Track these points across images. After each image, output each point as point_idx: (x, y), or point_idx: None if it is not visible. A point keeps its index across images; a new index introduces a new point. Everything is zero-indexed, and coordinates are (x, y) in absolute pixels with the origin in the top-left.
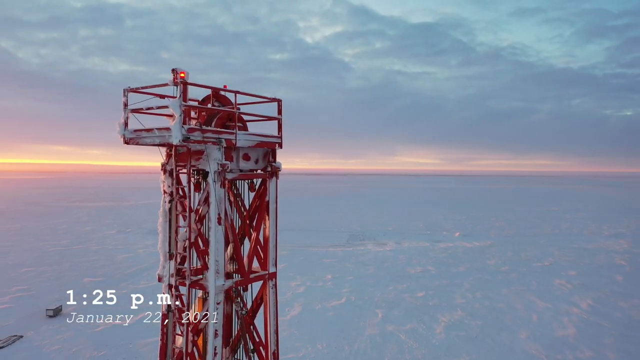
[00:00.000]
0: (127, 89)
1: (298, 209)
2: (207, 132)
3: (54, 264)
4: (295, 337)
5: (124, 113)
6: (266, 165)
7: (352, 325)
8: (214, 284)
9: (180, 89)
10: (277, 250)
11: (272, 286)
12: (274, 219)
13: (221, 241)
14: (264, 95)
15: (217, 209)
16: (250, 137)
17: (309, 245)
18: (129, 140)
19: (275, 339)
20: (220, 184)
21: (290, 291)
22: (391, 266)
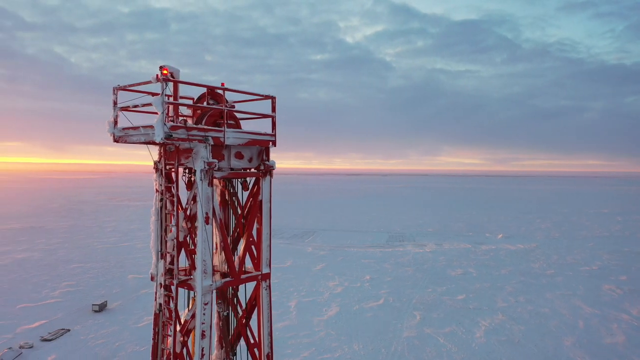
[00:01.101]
0: (116, 87)
1: (337, 209)
2: (192, 129)
3: (101, 260)
4: (331, 337)
5: (114, 111)
6: (259, 164)
7: (389, 327)
8: (201, 284)
9: (163, 86)
10: (270, 251)
11: (265, 287)
12: (268, 219)
13: (209, 241)
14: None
15: (205, 207)
16: (240, 134)
17: (348, 245)
18: (118, 139)
19: (269, 340)
20: (208, 183)
21: (328, 291)
22: (431, 268)
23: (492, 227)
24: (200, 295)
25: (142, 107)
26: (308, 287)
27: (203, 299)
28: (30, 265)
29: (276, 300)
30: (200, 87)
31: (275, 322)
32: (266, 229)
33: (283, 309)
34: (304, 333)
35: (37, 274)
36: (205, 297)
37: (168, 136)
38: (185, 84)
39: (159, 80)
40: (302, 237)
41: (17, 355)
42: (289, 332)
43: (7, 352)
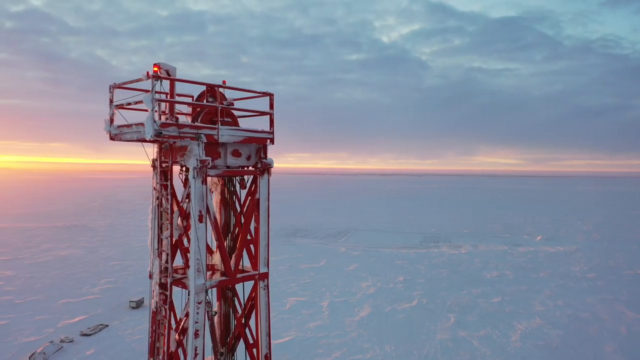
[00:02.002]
0: (112, 85)
1: (371, 209)
2: (184, 127)
3: (139, 258)
4: (363, 338)
5: (110, 109)
6: (256, 162)
7: (422, 329)
8: (194, 283)
9: (153, 83)
10: (268, 250)
11: (263, 287)
12: (265, 217)
13: (202, 239)
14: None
15: (198, 205)
16: (236, 132)
17: (381, 246)
18: (114, 137)
19: (268, 341)
20: (202, 181)
21: (360, 292)
22: (466, 270)
23: (530, 228)
24: (193, 294)
25: (134, 104)
26: (341, 287)
27: (196, 298)
28: (72, 262)
29: (308, 299)
30: (197, 84)
31: (308, 321)
32: (264, 227)
33: (315, 308)
34: (335, 333)
35: (79, 271)
36: (198, 296)
37: (158, 133)
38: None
39: (149, 77)
40: (335, 237)
41: (58, 349)
42: (321, 332)
43: (49, 345)
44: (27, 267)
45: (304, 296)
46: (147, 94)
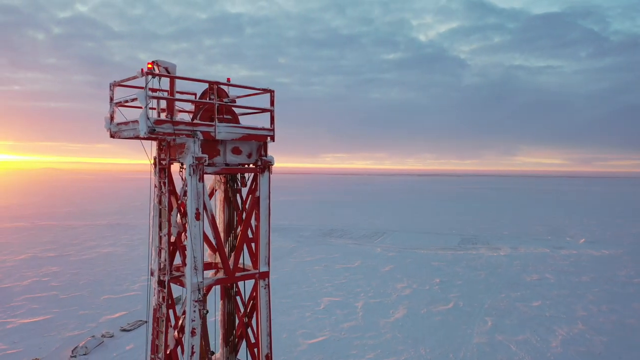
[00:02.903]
0: (112, 83)
1: (408, 210)
2: (179, 124)
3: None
4: (398, 340)
5: (110, 107)
6: (257, 159)
7: (458, 332)
8: (190, 281)
9: (147, 80)
10: (269, 249)
11: (263, 286)
12: (266, 216)
13: (199, 237)
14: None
15: (195, 203)
16: (234, 129)
17: (418, 247)
18: (114, 134)
19: (269, 341)
20: (199, 178)
21: (395, 293)
22: (505, 272)
23: (573, 231)
24: (189, 292)
25: (132, 102)
26: (375, 288)
27: (193, 296)
28: (115, 260)
29: (343, 300)
30: (195, 81)
31: (342, 322)
32: (264, 226)
33: (350, 309)
34: (369, 334)
35: (120, 268)
36: (195, 294)
37: (151, 130)
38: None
39: (144, 74)
40: (371, 238)
41: (99, 344)
42: (355, 332)
43: (91, 340)
44: (72, 263)
45: (338, 296)
46: (140, 90)
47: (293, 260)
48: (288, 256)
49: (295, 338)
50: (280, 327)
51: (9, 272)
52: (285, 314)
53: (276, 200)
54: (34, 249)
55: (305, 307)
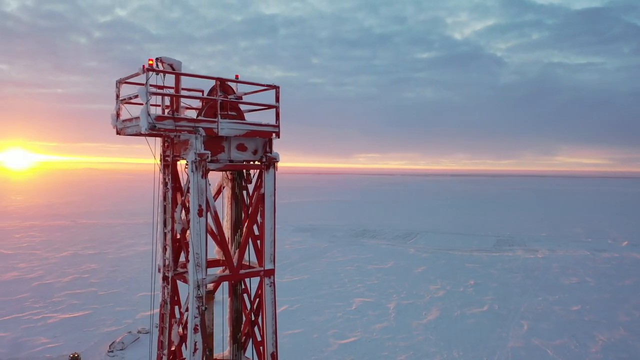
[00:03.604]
0: (118, 80)
1: (442, 211)
2: (180, 120)
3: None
4: (430, 342)
5: (116, 104)
6: (262, 156)
7: (493, 335)
8: (193, 278)
9: (147, 77)
10: (275, 247)
11: (269, 284)
12: (271, 213)
13: (202, 233)
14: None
15: (198, 200)
16: (237, 125)
17: (452, 248)
18: (120, 131)
19: (274, 339)
20: (202, 174)
21: (429, 295)
22: (542, 275)
23: (615, 233)
24: (192, 289)
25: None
26: (408, 289)
27: (196, 293)
28: (151, 258)
29: (375, 301)
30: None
31: (373, 323)
32: (269, 223)
33: (382, 310)
34: (401, 336)
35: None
36: (198, 291)
37: (152, 126)
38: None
39: (145, 70)
40: (404, 239)
41: (135, 339)
42: (386, 333)
43: (127, 335)
44: (110, 261)
45: (370, 297)
46: (141, 87)
47: (325, 260)
48: (320, 256)
49: (327, 338)
50: (312, 327)
51: (52, 269)
52: (316, 313)
53: (308, 201)
54: (75, 246)
55: (337, 307)
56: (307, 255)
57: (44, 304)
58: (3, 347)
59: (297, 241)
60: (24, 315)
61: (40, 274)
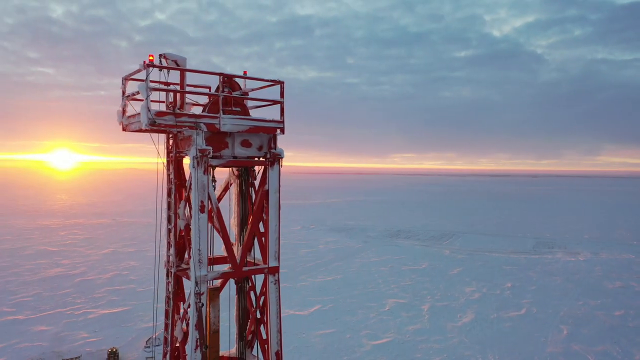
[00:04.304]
0: (124, 77)
1: (479, 211)
2: (181, 116)
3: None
4: (465, 345)
5: (122, 101)
6: (266, 152)
7: (530, 340)
8: (194, 274)
9: (148, 72)
10: (279, 244)
11: (273, 282)
12: (275, 210)
13: (203, 229)
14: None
15: (200, 196)
16: (240, 121)
17: (488, 250)
18: (125, 127)
19: (279, 338)
20: (203, 170)
21: (464, 297)
22: (583, 278)
23: None
24: (194, 285)
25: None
26: (443, 291)
27: (198, 289)
28: None
29: (409, 302)
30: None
31: (407, 324)
32: (274, 220)
33: (415, 311)
34: (435, 338)
35: None
36: (200, 287)
37: (152, 122)
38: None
39: (146, 66)
40: (439, 240)
41: None
42: (420, 335)
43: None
44: (149, 259)
45: (404, 298)
46: (141, 83)
47: (359, 260)
48: (354, 256)
49: (359, 338)
50: (344, 327)
51: (94, 266)
52: (349, 313)
53: (343, 201)
54: (115, 244)
55: (370, 308)
56: (341, 255)
57: (85, 299)
58: (46, 341)
59: (331, 241)
60: (67, 310)
61: (82, 270)
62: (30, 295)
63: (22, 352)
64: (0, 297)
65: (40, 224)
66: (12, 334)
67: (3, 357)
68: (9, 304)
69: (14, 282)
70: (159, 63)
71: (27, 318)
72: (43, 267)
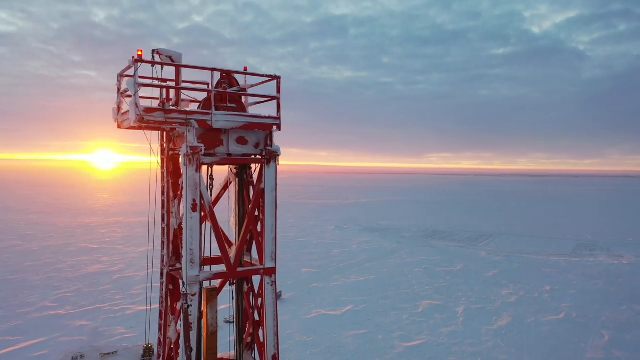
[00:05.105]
0: (119, 74)
1: (517, 212)
2: (171, 112)
3: (280, 253)
4: (500, 349)
5: (117, 98)
6: (262, 150)
7: (569, 345)
8: (186, 275)
9: (136, 67)
10: (276, 244)
11: (270, 283)
12: (272, 209)
13: (195, 229)
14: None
15: (192, 194)
16: (233, 118)
17: (526, 252)
18: (120, 124)
19: (275, 341)
20: (195, 168)
21: (500, 300)
22: (627, 282)
23: None
24: (186, 286)
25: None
26: (478, 293)
27: (189, 290)
28: None
29: (443, 304)
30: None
31: (440, 326)
32: (270, 220)
33: (449, 313)
34: (470, 341)
35: None
36: (191, 288)
37: (140, 119)
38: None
39: (135, 62)
40: (475, 241)
41: None
42: (454, 338)
43: None
44: None
45: (438, 300)
46: (130, 79)
47: (393, 261)
48: (388, 257)
49: (392, 340)
50: (377, 328)
51: (132, 263)
52: (382, 314)
53: (377, 201)
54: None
55: (403, 309)
56: (374, 256)
57: (123, 296)
58: (84, 335)
59: (364, 241)
60: (105, 306)
61: (121, 267)
62: (72, 291)
63: (62, 346)
64: (44, 292)
65: (82, 222)
66: (53, 328)
67: (45, 350)
68: (52, 299)
69: (57, 278)
70: (151, 59)
71: (68, 313)
72: (84, 263)
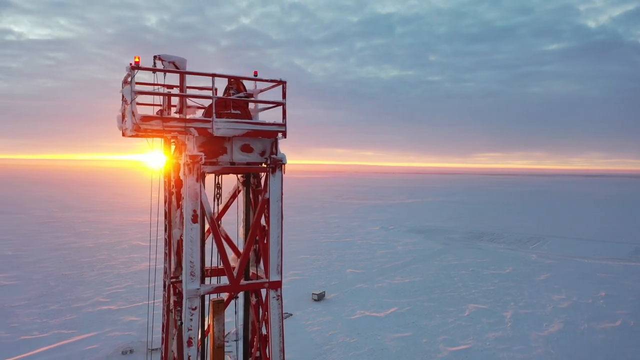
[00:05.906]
0: (124, 80)
1: (571, 214)
2: (169, 120)
3: (325, 253)
4: (550, 356)
5: (122, 105)
6: (267, 158)
7: (626, 355)
8: (186, 288)
9: (133, 74)
10: (282, 257)
11: (275, 297)
12: (277, 220)
13: (196, 240)
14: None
15: (192, 205)
16: (235, 125)
17: (580, 256)
18: (124, 132)
19: (281, 357)
20: (196, 178)
21: (551, 305)
22: None
23: None
24: (185, 299)
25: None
26: (528, 298)
27: (190, 304)
28: None
29: (490, 308)
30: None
31: (487, 331)
32: (276, 231)
33: (497, 318)
34: (518, 347)
35: None
36: (192, 302)
37: (136, 127)
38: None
39: (132, 69)
40: (526, 243)
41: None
42: (501, 343)
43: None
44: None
45: (485, 304)
46: (126, 86)
47: (439, 263)
48: (434, 259)
49: (436, 344)
50: (421, 331)
51: None
52: (427, 317)
53: (424, 202)
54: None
55: (449, 313)
56: (420, 257)
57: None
58: (134, 330)
59: (410, 242)
60: (155, 303)
61: None
62: (123, 287)
63: (113, 340)
64: (97, 287)
65: (134, 220)
66: (105, 323)
67: (96, 344)
68: (105, 295)
69: (110, 275)
70: (153, 65)
71: (119, 308)
72: (135, 261)
